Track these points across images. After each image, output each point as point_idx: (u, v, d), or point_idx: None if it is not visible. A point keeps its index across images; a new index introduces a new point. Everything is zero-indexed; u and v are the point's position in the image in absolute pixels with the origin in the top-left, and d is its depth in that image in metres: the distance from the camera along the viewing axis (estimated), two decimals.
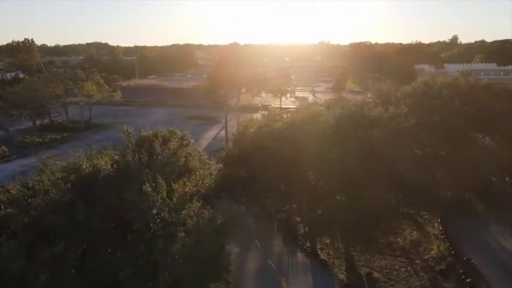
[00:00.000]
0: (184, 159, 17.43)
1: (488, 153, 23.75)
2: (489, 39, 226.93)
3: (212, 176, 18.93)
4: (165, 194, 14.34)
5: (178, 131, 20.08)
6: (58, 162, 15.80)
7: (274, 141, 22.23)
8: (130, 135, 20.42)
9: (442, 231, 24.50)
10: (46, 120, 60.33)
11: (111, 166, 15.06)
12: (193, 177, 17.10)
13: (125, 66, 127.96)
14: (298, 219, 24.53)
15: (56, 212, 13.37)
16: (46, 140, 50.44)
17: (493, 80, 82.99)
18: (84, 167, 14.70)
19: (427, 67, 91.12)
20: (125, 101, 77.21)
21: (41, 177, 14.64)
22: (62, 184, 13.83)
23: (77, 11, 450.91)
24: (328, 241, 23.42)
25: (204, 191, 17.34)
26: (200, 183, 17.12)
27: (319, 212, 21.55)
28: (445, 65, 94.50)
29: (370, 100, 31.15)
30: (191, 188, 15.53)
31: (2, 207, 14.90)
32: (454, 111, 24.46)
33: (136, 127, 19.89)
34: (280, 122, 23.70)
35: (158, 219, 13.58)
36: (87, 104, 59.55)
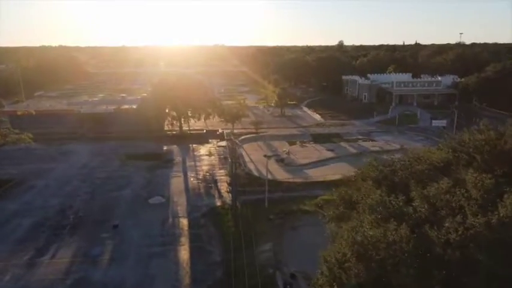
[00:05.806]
0: None
1: None
2: (368, 43, 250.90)
3: None
4: None
5: None
6: None
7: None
8: None
9: None
10: None
11: None
12: None
13: None
14: None
15: None
16: None
17: (418, 91, 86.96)
18: None
19: (359, 79, 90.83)
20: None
21: None
22: None
23: None
24: None
25: None
26: None
27: None
28: (369, 75, 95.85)
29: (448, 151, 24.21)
30: None
31: None
32: None
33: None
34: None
35: None
36: None
